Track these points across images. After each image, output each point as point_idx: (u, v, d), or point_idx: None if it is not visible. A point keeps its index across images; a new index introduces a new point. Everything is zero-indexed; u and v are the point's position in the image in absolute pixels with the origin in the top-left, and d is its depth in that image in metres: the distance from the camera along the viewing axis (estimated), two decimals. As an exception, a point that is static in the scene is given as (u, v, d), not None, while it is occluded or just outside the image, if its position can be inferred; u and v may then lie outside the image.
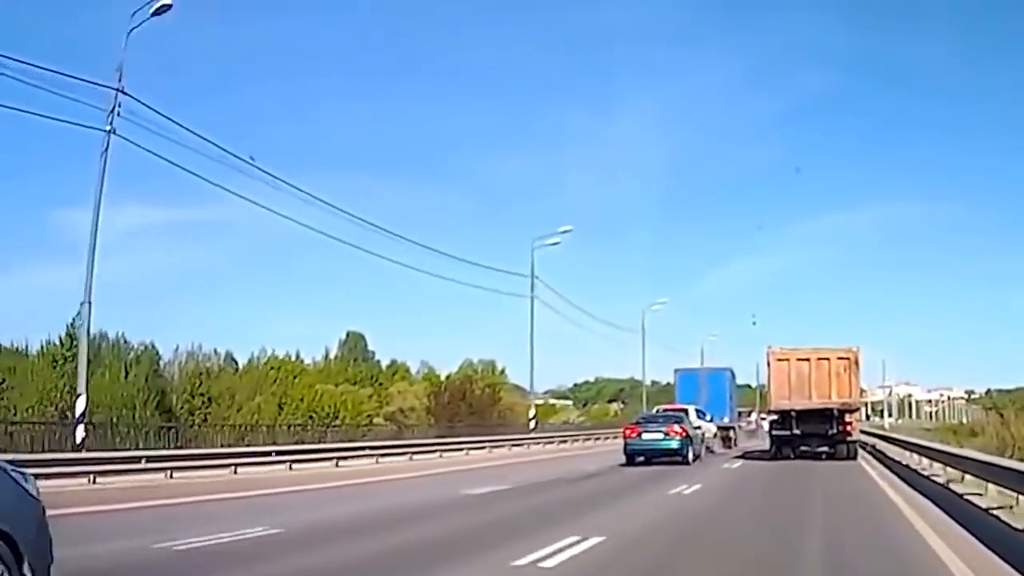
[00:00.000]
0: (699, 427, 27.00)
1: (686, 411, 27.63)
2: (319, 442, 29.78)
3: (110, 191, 19.62)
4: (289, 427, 35.83)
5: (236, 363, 55.73)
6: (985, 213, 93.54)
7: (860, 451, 26.82)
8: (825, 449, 25.76)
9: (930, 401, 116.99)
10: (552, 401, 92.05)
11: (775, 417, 27.26)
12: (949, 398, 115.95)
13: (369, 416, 48.07)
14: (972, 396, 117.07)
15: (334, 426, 40.01)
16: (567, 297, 49.74)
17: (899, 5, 79.76)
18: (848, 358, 25.20)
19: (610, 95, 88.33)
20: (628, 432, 25.35)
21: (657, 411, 29.72)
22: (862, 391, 31.47)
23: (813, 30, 78.81)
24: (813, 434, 25.59)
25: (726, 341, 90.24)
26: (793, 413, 25.30)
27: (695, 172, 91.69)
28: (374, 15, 74.47)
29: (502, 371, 69.07)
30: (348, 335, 65.31)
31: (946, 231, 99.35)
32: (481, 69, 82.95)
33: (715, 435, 30.65)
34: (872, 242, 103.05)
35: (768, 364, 25.50)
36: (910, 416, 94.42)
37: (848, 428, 25.57)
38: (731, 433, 34.90)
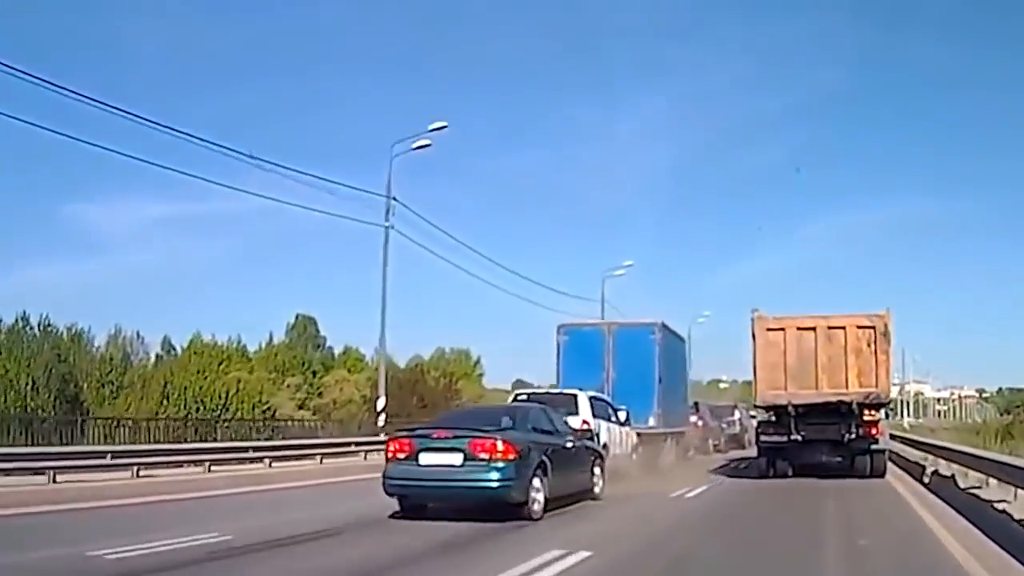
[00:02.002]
0: (588, 434, 14.12)
1: (575, 400, 15.22)
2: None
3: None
4: (165, 420, 31.32)
5: (175, 349, 52.92)
6: (990, 211, 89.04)
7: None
8: (839, 460, 17.72)
9: (940, 400, 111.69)
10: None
11: (766, 416, 19.16)
12: (960, 397, 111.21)
13: (270, 409, 41.75)
14: (983, 395, 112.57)
15: (225, 421, 35.24)
16: (498, 260, 39.83)
17: (905, 5, 74.88)
18: (873, 328, 17.04)
19: (616, 93, 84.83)
20: (393, 449, 11.37)
21: (519, 398, 16.06)
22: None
23: (820, 30, 74.78)
24: (821, 440, 17.50)
25: (724, 334, 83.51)
26: (791, 410, 17.13)
27: (700, 171, 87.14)
28: (382, 10, 72.41)
29: (477, 361, 62.94)
30: (297, 319, 59.42)
31: (952, 229, 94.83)
32: (486, 66, 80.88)
33: (634, 449, 17.21)
34: (877, 241, 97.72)
35: (753, 336, 17.30)
36: (923, 415, 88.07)
37: (873, 431, 17.45)
38: (667, 444, 19.94)
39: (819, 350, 17.04)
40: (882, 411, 18.80)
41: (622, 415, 16.90)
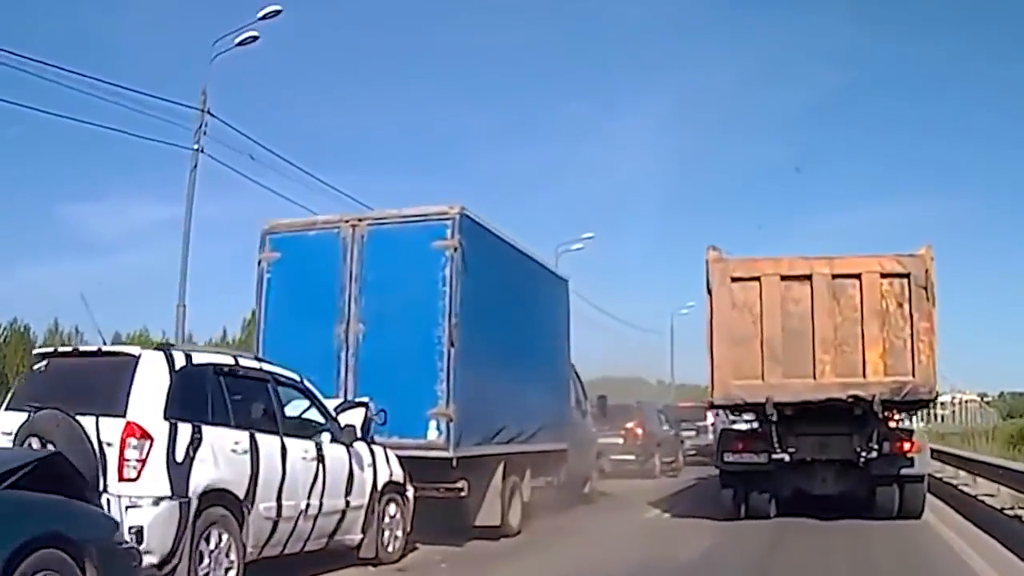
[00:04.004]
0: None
1: (130, 373, 5.87)
2: None
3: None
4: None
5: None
6: (992, 210, 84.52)
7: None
8: (849, 491, 11.19)
9: (942, 403, 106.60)
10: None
11: (734, 423, 12.64)
12: (962, 400, 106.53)
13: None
14: (985, 399, 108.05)
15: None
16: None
17: (910, 5, 70.58)
18: (907, 276, 10.41)
19: (617, 91, 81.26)
20: None
21: (36, 368, 6.48)
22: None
23: (823, 28, 70.62)
24: (822, 461, 10.98)
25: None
26: (773, 412, 10.47)
27: (700, 169, 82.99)
28: (378, 10, 65.64)
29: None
30: (253, 314, 53.62)
31: (953, 230, 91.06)
32: (487, 64, 75.49)
33: (383, 494, 7.87)
34: (877, 242, 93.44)
35: (709, 292, 10.61)
36: (926, 420, 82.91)
37: (906, 446, 10.86)
38: (493, 481, 9.45)
39: (818, 314, 10.43)
40: (918, 414, 12.25)
41: (351, 417, 7.76)
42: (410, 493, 8.29)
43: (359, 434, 7.67)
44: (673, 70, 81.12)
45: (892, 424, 11.61)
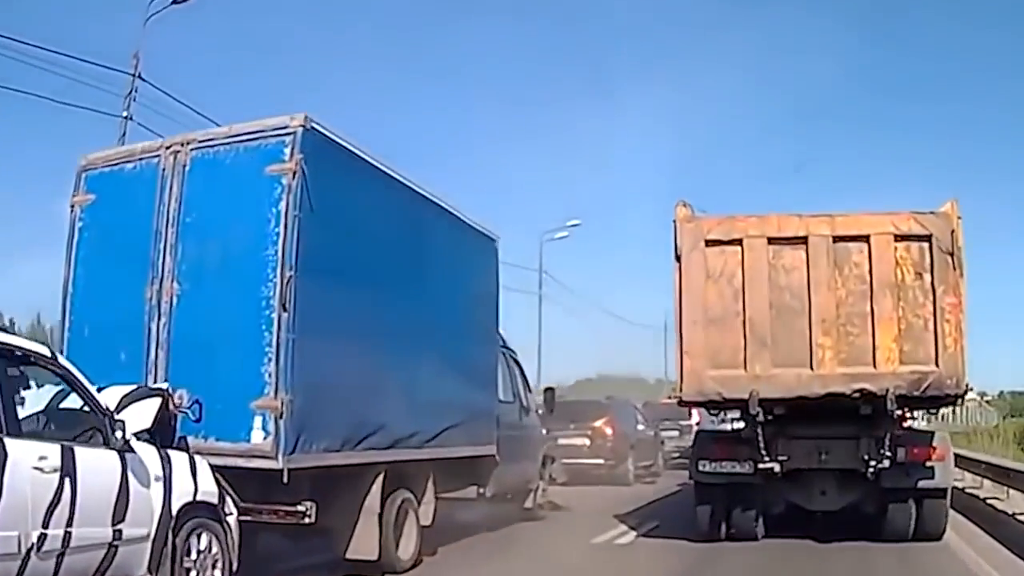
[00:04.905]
0: None
1: None
2: None
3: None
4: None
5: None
6: (991, 209, 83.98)
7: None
8: (848, 505, 9.12)
9: None
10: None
11: (723, 422, 10.63)
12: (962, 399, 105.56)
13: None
14: (985, 398, 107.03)
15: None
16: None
17: (913, 5, 69.56)
18: (928, 238, 8.31)
19: (615, 85, 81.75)
20: None
21: None
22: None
23: (826, 25, 70.22)
24: (821, 470, 8.85)
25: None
26: (760, 411, 8.36)
27: (699, 169, 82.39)
28: (377, 8, 65.03)
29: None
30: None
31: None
32: (487, 63, 74.60)
33: (172, 528, 5.27)
34: None
35: (677, 258, 8.47)
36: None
37: (925, 452, 8.74)
38: (367, 501, 6.83)
39: (816, 286, 8.32)
40: (940, 413, 10.21)
41: (141, 411, 5.54)
42: (232, 519, 5.85)
43: (134, 434, 5.27)
44: (673, 65, 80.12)
45: (907, 425, 9.54)
